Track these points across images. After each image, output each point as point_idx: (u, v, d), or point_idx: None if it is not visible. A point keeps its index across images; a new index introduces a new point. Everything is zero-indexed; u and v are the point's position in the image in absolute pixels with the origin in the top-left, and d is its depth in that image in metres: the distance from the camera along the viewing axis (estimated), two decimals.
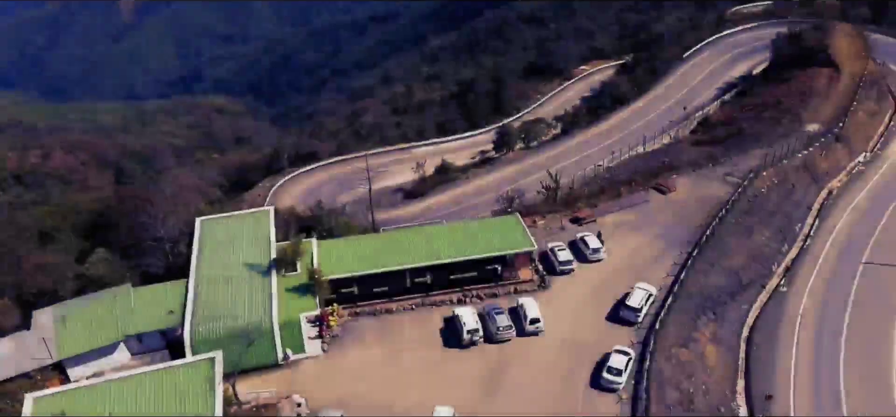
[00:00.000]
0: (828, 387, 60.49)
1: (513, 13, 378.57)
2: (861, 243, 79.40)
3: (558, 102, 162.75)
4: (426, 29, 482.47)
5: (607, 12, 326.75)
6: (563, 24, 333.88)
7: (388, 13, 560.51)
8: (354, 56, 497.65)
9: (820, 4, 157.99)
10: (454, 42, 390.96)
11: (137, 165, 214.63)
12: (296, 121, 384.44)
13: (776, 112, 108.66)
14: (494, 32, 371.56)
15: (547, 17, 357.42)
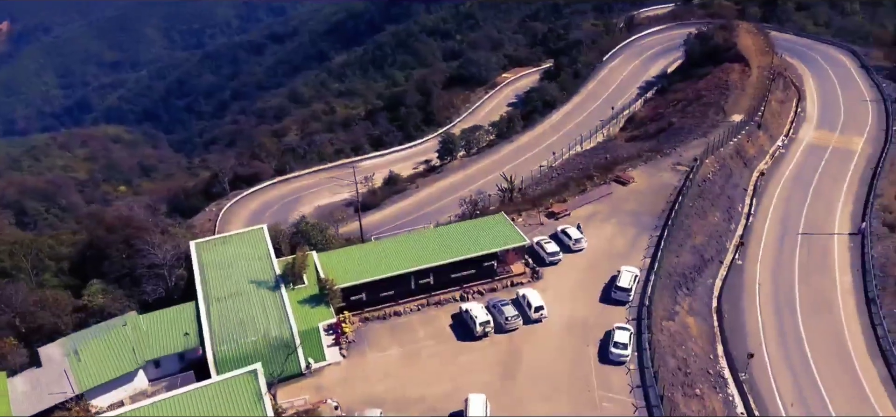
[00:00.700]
0: (793, 340, 68.54)
1: (417, 27, 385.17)
2: (795, 217, 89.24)
3: (487, 109, 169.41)
4: (326, 46, 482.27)
5: (511, 22, 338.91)
6: (468, 35, 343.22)
7: (285, 32, 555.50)
8: (255, 77, 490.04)
9: (717, 5, 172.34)
10: (360, 57, 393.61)
11: (40, 203, 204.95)
12: (200, 147, 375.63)
13: (700, 106, 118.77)
14: (401, 46, 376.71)
15: (451, 29, 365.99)
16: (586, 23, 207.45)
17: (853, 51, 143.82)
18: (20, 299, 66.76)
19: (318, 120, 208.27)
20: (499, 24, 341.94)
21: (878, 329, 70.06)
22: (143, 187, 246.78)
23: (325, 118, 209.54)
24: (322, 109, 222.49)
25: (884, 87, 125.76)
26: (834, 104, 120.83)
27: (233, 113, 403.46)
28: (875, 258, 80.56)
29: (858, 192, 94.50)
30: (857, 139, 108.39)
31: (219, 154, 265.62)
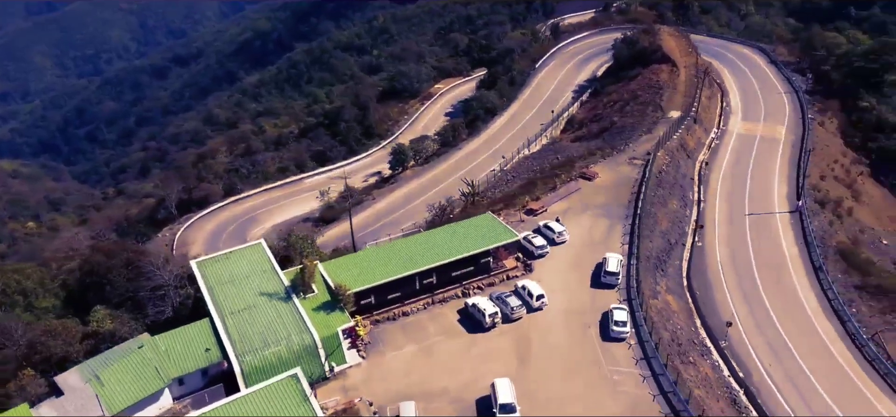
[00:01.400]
0: (759, 308, 76.17)
1: (330, 43, 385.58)
2: (739, 200, 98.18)
3: (425, 120, 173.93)
4: (235, 67, 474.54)
5: (425, 35, 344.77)
6: (384, 50, 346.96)
7: (189, 55, 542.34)
8: (160, 101, 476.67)
9: (634, 12, 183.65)
10: (274, 76, 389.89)
11: None
12: (108, 176, 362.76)
13: (637, 105, 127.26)
14: (316, 63, 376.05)
15: (366, 44, 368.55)
16: (516, 32, 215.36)
17: (762, 48, 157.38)
18: (20, 332, 65.78)
19: (246, 141, 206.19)
20: (414, 37, 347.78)
21: (829, 293, 78.74)
22: (57, 221, 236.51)
23: (255, 138, 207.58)
24: (251, 130, 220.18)
25: (793, 80, 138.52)
26: (754, 97, 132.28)
27: (141, 140, 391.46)
28: (814, 232, 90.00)
29: (790, 174, 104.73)
30: (780, 128, 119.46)
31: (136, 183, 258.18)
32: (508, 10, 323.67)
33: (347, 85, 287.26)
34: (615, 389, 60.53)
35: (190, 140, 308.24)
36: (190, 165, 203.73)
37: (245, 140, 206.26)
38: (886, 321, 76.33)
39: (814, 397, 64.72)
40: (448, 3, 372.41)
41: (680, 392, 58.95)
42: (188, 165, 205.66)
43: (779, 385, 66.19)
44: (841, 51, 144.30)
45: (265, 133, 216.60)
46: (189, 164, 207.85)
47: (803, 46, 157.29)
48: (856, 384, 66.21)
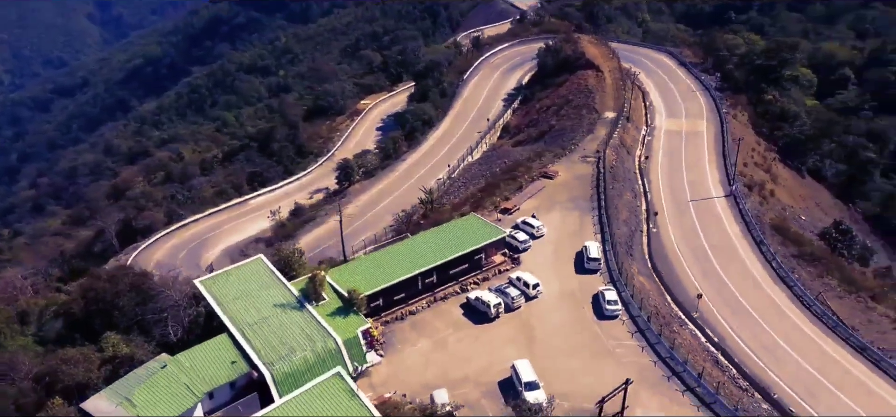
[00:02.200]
0: (718, 281, 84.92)
1: (232, 65, 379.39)
2: (680, 189, 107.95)
3: (359, 135, 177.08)
4: (127, 95, 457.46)
5: (332, 53, 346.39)
6: (290, 69, 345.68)
7: (73, 85, 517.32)
8: (44, 135, 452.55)
9: (548, 23, 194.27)
10: (174, 102, 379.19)
11: None
12: None
13: (571, 108, 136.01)
14: (218, 86, 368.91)
15: (271, 65, 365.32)
16: (431, 46, 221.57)
17: (670, 52, 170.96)
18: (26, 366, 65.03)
19: (165, 168, 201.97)
20: (319, 56, 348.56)
21: (773, 264, 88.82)
22: None
23: (174, 165, 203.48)
24: (169, 157, 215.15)
25: (703, 79, 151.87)
26: (672, 96, 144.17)
27: (28, 177, 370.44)
28: (749, 212, 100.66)
29: (718, 163, 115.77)
30: (700, 122, 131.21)
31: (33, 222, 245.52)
32: (414, 26, 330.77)
33: (257, 108, 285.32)
34: (619, 360, 66.98)
35: (89, 173, 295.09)
36: (104, 197, 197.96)
37: (164, 168, 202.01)
38: (824, 284, 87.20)
39: (779, 351, 73.41)
40: (351, 22, 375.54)
41: (677, 357, 66.13)
42: (102, 197, 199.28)
43: (748, 344, 74.54)
44: (741, 51, 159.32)
45: (184, 160, 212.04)
46: (103, 196, 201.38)
47: (706, 48, 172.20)
48: (812, 338, 75.55)
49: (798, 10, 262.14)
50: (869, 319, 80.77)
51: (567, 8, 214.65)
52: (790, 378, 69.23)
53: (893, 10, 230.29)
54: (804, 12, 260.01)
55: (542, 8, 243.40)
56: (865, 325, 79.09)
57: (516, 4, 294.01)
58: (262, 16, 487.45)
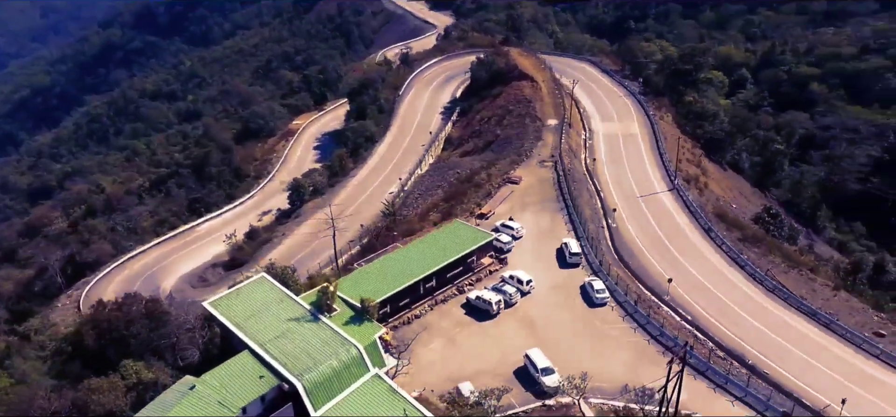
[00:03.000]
0: (680, 267, 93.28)
1: (134, 92, 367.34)
2: (628, 186, 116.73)
3: (296, 155, 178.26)
4: (15, 128, 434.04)
5: (243, 75, 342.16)
6: (199, 94, 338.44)
7: None
8: None
9: (472, 38, 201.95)
10: (73, 133, 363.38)
11: None
12: None
13: (513, 118, 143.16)
14: (121, 114, 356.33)
15: (177, 90, 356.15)
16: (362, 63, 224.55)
17: (591, 60, 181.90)
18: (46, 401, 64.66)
19: (86, 201, 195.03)
20: (229, 79, 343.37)
21: (723, 247, 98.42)
22: None
23: (95, 197, 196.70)
24: (89, 189, 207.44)
25: (626, 84, 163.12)
26: (601, 102, 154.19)
27: None
28: (693, 203, 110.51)
29: (656, 161, 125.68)
30: (633, 124, 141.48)
31: None
32: (326, 44, 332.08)
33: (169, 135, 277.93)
34: (617, 342, 73.66)
35: None
36: (15, 236, 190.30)
37: (84, 201, 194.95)
38: (769, 261, 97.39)
39: (744, 323, 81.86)
40: (259, 43, 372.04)
41: (668, 333, 73.44)
42: (14, 236, 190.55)
43: (717, 319, 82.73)
44: (657, 57, 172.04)
45: (105, 192, 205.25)
46: (14, 235, 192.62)
47: (624, 56, 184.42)
48: (770, 309, 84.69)
49: (691, 17, 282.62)
50: (812, 288, 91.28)
51: (486, 23, 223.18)
52: (760, 345, 77.76)
53: (777, 15, 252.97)
54: (696, 19, 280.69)
55: (457, 24, 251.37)
56: (811, 294, 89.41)
57: (429, 20, 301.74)
58: (159, 40, 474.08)
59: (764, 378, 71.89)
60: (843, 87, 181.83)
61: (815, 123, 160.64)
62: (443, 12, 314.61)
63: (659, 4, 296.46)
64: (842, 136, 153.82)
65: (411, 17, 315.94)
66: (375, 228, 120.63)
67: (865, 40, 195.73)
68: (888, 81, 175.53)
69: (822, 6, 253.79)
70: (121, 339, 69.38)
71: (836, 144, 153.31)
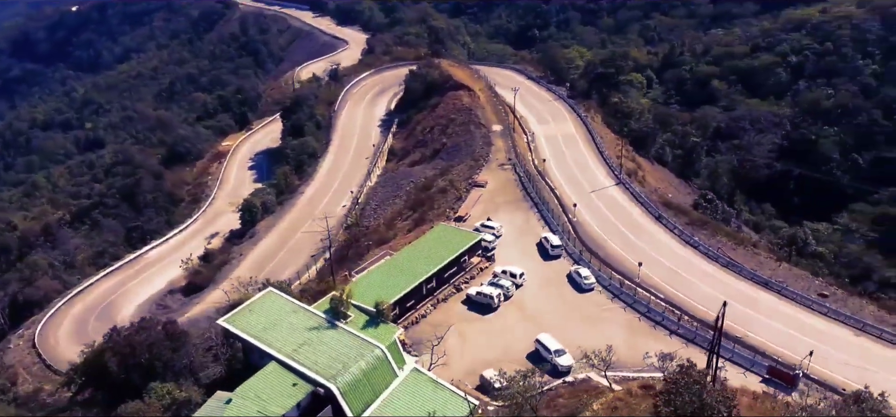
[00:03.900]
0: (645, 253, 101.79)
1: (24, 123, 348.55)
2: (578, 183, 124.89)
3: (232, 175, 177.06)
4: None
5: (145, 101, 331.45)
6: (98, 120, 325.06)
7: None
8: None
9: (396, 52, 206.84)
10: None
11: None
12: None
13: (457, 126, 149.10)
14: (10, 147, 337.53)
15: (72, 118, 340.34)
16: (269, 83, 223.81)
17: (516, 68, 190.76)
18: None
19: None
20: (128, 104, 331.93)
21: (675, 232, 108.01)
22: None
23: (8, 235, 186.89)
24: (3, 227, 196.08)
25: (554, 89, 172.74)
26: (535, 107, 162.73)
27: None
28: (641, 193, 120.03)
29: (597, 158, 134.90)
30: (568, 126, 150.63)
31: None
32: (232, 64, 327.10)
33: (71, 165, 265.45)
34: (613, 321, 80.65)
35: None
36: None
37: None
38: (718, 241, 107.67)
39: (710, 297, 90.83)
40: (158, 66, 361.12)
41: (655, 310, 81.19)
42: None
43: (688, 296, 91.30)
44: (577, 63, 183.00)
45: (17, 229, 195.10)
46: None
47: (547, 63, 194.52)
48: (729, 283, 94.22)
49: (590, 24, 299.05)
50: (759, 261, 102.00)
51: (406, 36, 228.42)
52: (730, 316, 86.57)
53: (670, 19, 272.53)
54: (596, 25, 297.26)
55: (375, 38, 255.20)
56: (759, 266, 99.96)
57: (339, 36, 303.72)
58: (41, 67, 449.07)
59: (739, 342, 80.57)
60: (740, 82, 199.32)
61: (727, 115, 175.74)
62: (351, 28, 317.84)
63: (559, 12, 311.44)
64: (749, 127, 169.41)
65: (320, 34, 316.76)
66: (340, 240, 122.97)
67: (755, 39, 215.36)
68: (779, 76, 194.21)
69: (709, 10, 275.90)
70: (145, 362, 69.49)
71: (745, 134, 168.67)
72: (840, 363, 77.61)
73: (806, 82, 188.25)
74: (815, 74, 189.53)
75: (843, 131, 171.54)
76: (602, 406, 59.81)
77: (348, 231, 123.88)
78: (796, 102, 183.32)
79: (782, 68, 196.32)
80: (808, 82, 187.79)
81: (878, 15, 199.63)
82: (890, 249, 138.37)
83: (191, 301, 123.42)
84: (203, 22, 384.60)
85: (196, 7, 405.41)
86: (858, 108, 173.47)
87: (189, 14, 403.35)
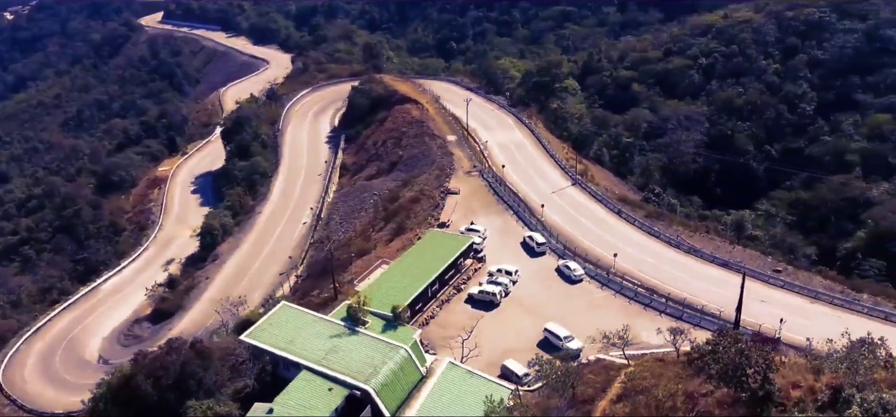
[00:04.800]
0: (609, 244, 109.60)
1: None
2: (537, 184, 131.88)
3: (175, 200, 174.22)
4: None
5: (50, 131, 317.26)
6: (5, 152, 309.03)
7: None
8: None
9: (332, 69, 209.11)
10: None
11: None
12: None
13: (411, 138, 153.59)
14: None
15: None
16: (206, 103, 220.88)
17: (453, 80, 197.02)
18: None
19: None
20: (31, 135, 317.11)
21: (636, 224, 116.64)
22: None
23: None
24: None
25: (494, 99, 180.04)
26: (480, 116, 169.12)
27: None
28: (597, 191, 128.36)
29: (549, 161, 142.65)
30: (516, 133, 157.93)
31: None
32: (145, 88, 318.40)
33: None
34: (607, 306, 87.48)
35: None
36: None
37: None
38: (675, 230, 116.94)
39: (681, 279, 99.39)
40: (60, 93, 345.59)
41: (641, 293, 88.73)
42: None
43: (661, 280, 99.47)
44: (512, 73, 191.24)
45: None
46: None
47: (482, 75, 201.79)
48: (694, 266, 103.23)
49: (506, 35, 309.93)
50: (717, 246, 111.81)
51: (337, 53, 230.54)
52: (701, 294, 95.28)
53: (583, 28, 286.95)
54: (511, 36, 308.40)
55: (299, 57, 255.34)
56: (717, 249, 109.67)
57: (258, 56, 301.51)
58: None
59: (718, 317, 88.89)
60: (658, 84, 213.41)
61: (655, 116, 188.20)
62: (268, 47, 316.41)
63: (475, 24, 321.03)
64: (675, 126, 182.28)
65: (237, 54, 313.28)
66: (315, 255, 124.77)
67: (666, 44, 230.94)
68: (692, 77, 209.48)
69: (618, 18, 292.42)
70: (180, 383, 70.23)
71: (671, 133, 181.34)
72: (802, 328, 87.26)
73: (717, 82, 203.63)
74: (724, 74, 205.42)
75: (755, 126, 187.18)
76: (630, 377, 66.08)
77: (320, 246, 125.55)
78: (711, 101, 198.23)
79: (694, 70, 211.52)
80: (719, 82, 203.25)
81: (774, 19, 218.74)
82: (806, 229, 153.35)
83: (162, 328, 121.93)
84: (107, 46, 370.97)
85: (97, 31, 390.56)
86: (766, 104, 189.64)
87: (90, 38, 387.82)
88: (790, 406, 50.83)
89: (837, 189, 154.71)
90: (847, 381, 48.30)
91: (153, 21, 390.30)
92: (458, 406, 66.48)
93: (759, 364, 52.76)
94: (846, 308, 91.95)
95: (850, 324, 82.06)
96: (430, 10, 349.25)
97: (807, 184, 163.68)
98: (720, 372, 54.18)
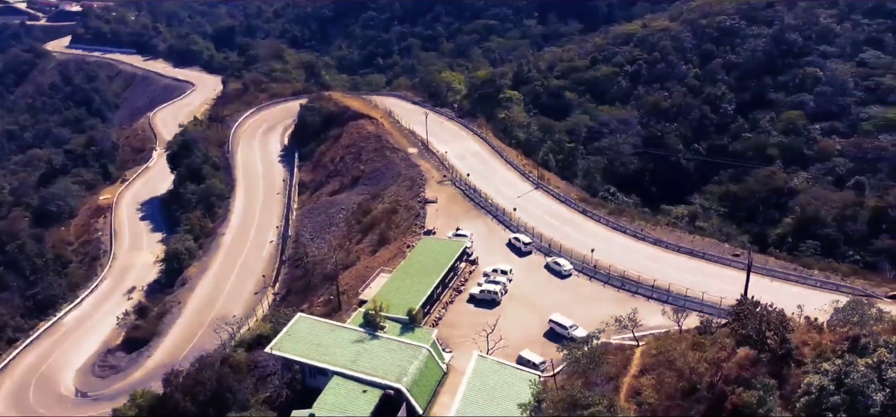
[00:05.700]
0: (581, 241, 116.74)
1: None
2: (500, 189, 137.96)
3: (125, 229, 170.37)
4: None
5: None
6: None
7: None
8: None
9: (275, 88, 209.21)
10: None
11: None
12: None
13: (370, 152, 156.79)
14: None
15: None
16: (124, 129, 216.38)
17: (397, 95, 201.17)
18: None
19: None
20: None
21: (602, 220, 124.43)
22: None
23: None
24: None
25: (441, 111, 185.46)
26: (432, 129, 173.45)
27: None
28: (560, 193, 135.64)
29: (506, 168, 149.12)
30: (470, 143, 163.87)
31: None
32: (60, 116, 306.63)
33: None
34: (599, 297, 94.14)
35: None
36: None
37: None
38: (636, 225, 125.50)
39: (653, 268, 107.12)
40: None
41: (628, 284, 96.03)
42: None
43: (636, 270, 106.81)
44: (457, 85, 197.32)
45: None
46: None
47: (425, 88, 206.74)
48: (662, 256, 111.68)
49: (432, 49, 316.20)
50: (678, 236, 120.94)
51: (274, 73, 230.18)
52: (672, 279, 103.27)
53: (507, 41, 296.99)
54: (437, 50, 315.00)
55: (233, 78, 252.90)
56: (678, 239, 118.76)
57: (181, 79, 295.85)
58: None
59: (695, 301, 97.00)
60: (588, 92, 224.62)
61: (594, 122, 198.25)
62: (191, 69, 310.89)
63: (400, 40, 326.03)
64: (612, 129, 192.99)
65: (158, 77, 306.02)
66: (291, 272, 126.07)
67: (592, 54, 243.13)
68: (620, 84, 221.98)
69: (540, 30, 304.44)
70: (217, 398, 71.52)
71: (608, 137, 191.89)
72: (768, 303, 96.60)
73: (644, 87, 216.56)
74: (650, 79, 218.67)
75: (682, 127, 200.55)
76: (645, 353, 72.61)
77: (297, 263, 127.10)
78: (639, 106, 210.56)
79: (622, 77, 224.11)
80: (646, 87, 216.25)
81: (690, 27, 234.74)
82: (737, 219, 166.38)
83: (140, 356, 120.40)
84: (11, 73, 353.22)
85: None
86: (690, 106, 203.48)
87: None
88: (809, 360, 58.32)
89: (763, 181, 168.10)
90: (862, 333, 56.18)
91: (60, 46, 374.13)
92: (498, 393, 70.92)
93: (778, 327, 60.07)
94: (802, 284, 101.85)
95: (807, 297, 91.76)
96: (353, 27, 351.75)
97: (735, 178, 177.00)
98: (744, 337, 61.16)
